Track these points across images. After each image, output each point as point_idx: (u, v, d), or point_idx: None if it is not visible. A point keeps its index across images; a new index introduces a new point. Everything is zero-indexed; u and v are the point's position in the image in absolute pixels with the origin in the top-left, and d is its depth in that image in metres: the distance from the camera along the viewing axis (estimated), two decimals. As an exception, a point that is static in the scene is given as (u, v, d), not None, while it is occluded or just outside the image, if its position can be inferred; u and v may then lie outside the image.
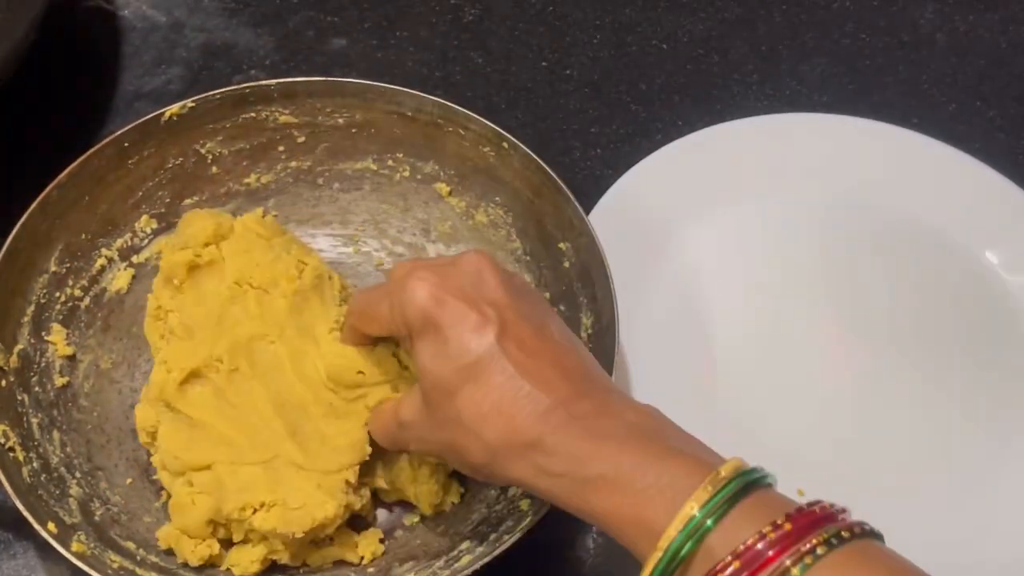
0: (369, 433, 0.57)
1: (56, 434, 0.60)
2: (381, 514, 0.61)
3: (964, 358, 0.69)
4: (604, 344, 0.59)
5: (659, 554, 0.41)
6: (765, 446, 0.63)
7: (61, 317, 0.63)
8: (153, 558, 0.57)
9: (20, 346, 0.60)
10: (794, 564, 0.39)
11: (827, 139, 0.77)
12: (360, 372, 0.58)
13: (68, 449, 0.60)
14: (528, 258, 0.67)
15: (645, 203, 0.72)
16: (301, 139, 0.69)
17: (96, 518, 0.57)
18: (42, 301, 0.62)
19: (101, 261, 0.65)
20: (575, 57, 0.84)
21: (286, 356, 0.60)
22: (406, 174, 0.70)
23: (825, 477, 0.62)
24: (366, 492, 0.59)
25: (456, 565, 0.55)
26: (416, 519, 0.61)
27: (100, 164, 0.64)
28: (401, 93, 0.67)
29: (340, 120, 0.68)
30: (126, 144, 0.65)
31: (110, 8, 0.84)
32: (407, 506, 0.61)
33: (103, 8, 0.84)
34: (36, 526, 0.52)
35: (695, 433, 0.47)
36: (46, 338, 0.62)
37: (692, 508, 0.41)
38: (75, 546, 0.53)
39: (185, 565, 0.57)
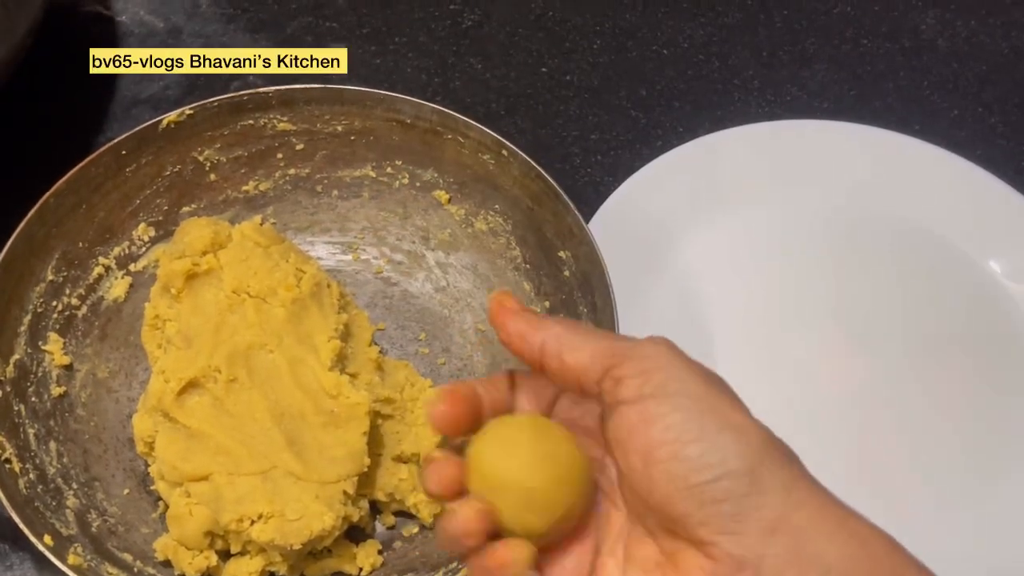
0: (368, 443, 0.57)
1: (53, 444, 0.59)
2: (379, 525, 0.61)
3: (966, 366, 0.69)
4: (604, 354, 0.59)
5: None
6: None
7: (58, 326, 0.63)
8: (150, 570, 0.57)
9: (17, 356, 0.60)
10: None
11: (828, 146, 0.76)
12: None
13: (65, 459, 0.59)
14: (528, 266, 0.66)
15: (645, 210, 0.72)
16: (299, 146, 0.68)
17: (93, 529, 0.57)
18: (39, 310, 0.62)
19: (98, 269, 0.65)
20: (575, 63, 0.83)
21: (285, 365, 0.59)
22: (405, 181, 0.69)
23: (826, 482, 0.62)
24: (364, 503, 0.58)
25: (455, 577, 0.55)
26: (415, 530, 0.60)
27: (97, 172, 0.64)
28: (400, 100, 0.66)
29: (339, 127, 0.68)
30: (124, 152, 0.64)
31: (108, 13, 0.84)
32: (406, 517, 0.61)
33: (101, 13, 0.84)
34: (32, 538, 0.52)
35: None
36: (43, 347, 0.62)
37: None
38: (71, 558, 0.53)
39: (182, 577, 0.57)
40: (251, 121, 0.67)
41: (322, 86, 0.67)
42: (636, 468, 0.37)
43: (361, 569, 0.58)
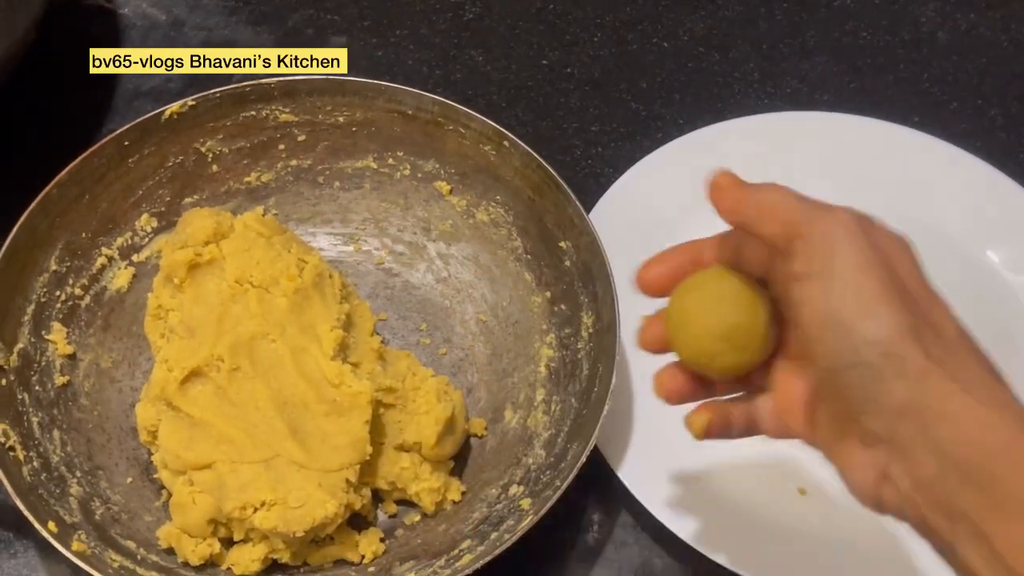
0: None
1: (56, 433, 0.60)
2: (381, 513, 0.61)
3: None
4: (605, 343, 0.59)
5: None
6: (766, 445, 0.64)
7: (61, 316, 0.63)
8: (154, 557, 0.57)
9: (20, 345, 0.60)
10: None
11: (828, 137, 0.76)
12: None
13: (68, 448, 0.60)
14: (529, 257, 0.66)
15: (646, 202, 0.72)
16: (301, 137, 0.69)
17: (96, 517, 0.57)
18: (42, 300, 0.62)
19: (101, 260, 0.65)
20: (576, 55, 0.84)
21: (287, 354, 0.60)
22: (406, 172, 0.69)
23: (825, 476, 0.62)
24: (367, 491, 0.59)
25: (457, 564, 0.55)
26: (416, 518, 0.61)
27: (100, 163, 0.64)
28: (401, 91, 0.67)
29: (340, 118, 0.68)
30: (126, 143, 0.65)
31: (110, 6, 0.84)
32: (408, 505, 0.61)
33: (103, 6, 0.84)
34: (36, 525, 0.53)
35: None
36: (46, 337, 0.62)
37: None
38: (75, 545, 0.53)
39: (186, 564, 0.57)
40: (253, 112, 0.67)
41: (324, 77, 0.67)
42: (797, 339, 0.42)
43: (363, 557, 0.59)
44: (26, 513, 0.53)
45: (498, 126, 0.65)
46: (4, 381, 0.58)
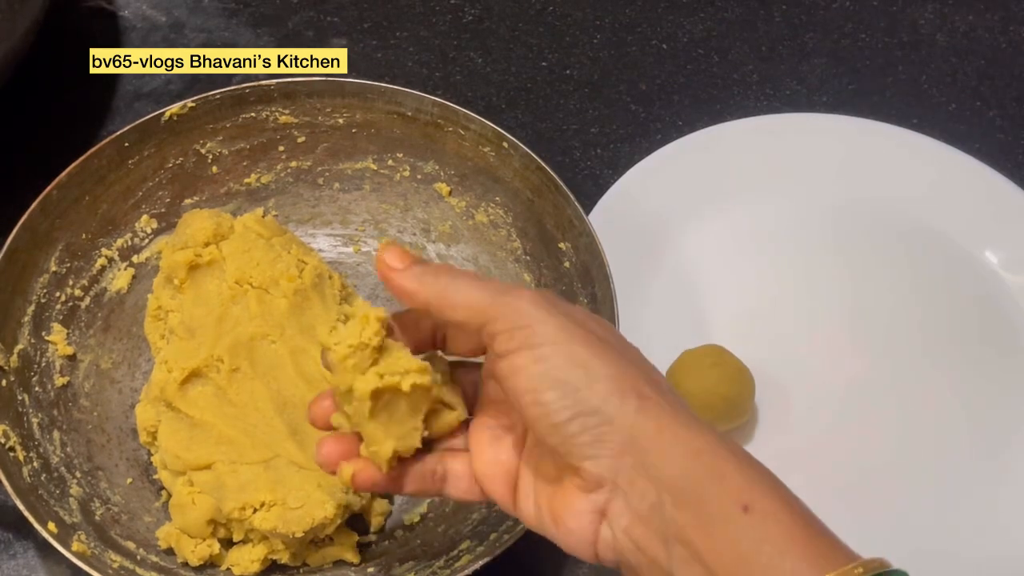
0: None
1: (56, 434, 0.60)
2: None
3: (963, 357, 0.69)
4: (604, 344, 0.59)
5: None
6: (764, 445, 0.64)
7: (61, 317, 0.63)
8: (153, 558, 0.57)
9: (20, 346, 0.60)
10: None
11: (826, 139, 0.77)
12: None
13: (68, 449, 0.60)
14: (528, 258, 0.67)
15: (645, 203, 0.72)
16: (301, 139, 0.69)
17: (96, 518, 0.57)
18: (42, 301, 0.62)
19: (101, 261, 0.65)
20: (575, 57, 0.84)
21: (287, 355, 0.60)
22: (406, 174, 0.70)
23: (823, 475, 0.62)
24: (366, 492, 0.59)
25: (456, 565, 0.55)
26: (416, 518, 0.61)
27: (100, 164, 0.64)
28: (401, 93, 0.67)
29: (340, 120, 0.68)
30: (126, 144, 0.65)
31: (110, 8, 0.84)
32: (408, 505, 0.61)
33: (103, 8, 0.84)
34: (36, 526, 0.53)
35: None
36: (46, 338, 0.62)
37: None
38: (75, 546, 0.53)
39: (185, 565, 0.57)
40: (253, 114, 0.67)
41: (323, 79, 0.67)
42: (507, 411, 0.45)
43: (363, 558, 0.59)
44: (26, 514, 0.53)
45: (497, 128, 0.65)
46: (4, 382, 0.58)
